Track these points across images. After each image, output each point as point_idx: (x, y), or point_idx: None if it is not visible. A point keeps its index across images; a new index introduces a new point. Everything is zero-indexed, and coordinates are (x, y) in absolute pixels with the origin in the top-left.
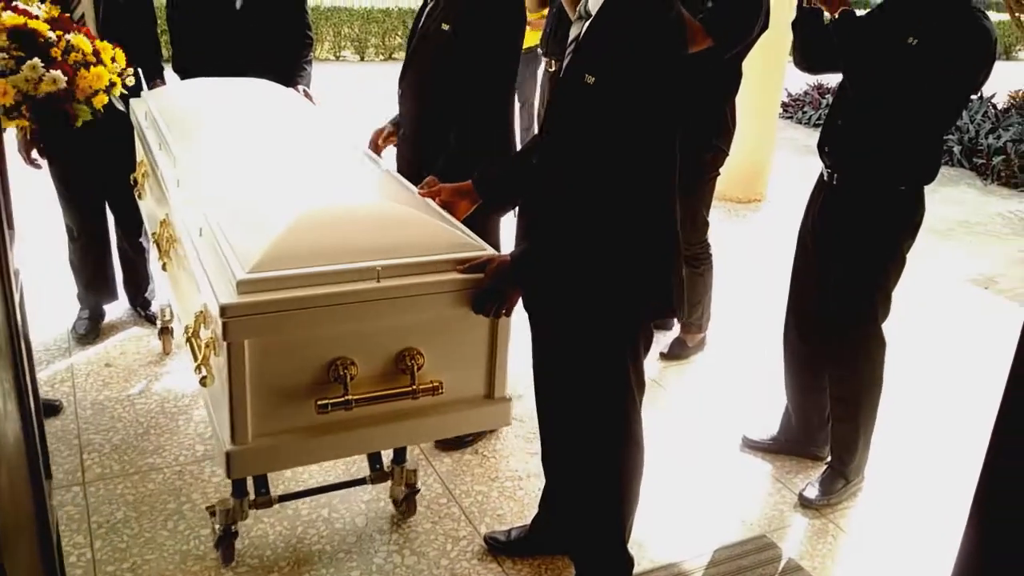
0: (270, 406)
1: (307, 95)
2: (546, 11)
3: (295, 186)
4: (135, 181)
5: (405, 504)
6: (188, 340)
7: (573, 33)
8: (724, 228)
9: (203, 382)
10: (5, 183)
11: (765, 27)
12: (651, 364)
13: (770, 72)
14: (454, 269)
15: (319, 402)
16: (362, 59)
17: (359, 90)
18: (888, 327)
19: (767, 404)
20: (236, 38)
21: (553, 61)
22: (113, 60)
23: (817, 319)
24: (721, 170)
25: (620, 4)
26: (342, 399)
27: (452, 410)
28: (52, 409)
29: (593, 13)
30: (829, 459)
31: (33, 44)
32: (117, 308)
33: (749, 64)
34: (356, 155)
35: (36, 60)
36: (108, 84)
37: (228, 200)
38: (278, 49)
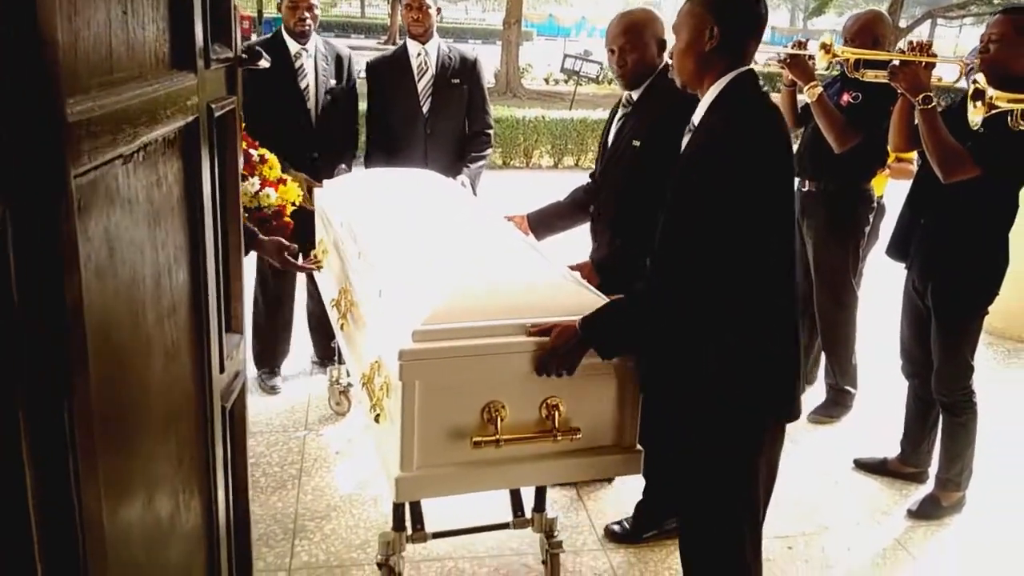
0: (433, 440)
1: (465, 185)
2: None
3: (457, 258)
4: (315, 256)
5: (550, 563)
6: (364, 386)
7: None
8: (1001, 372)
9: (377, 419)
10: (239, 285)
11: None
12: (896, 523)
13: None
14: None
15: (474, 439)
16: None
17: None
18: None
19: None
20: (422, 136)
21: (808, 180)
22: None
23: None
24: (991, 308)
25: (715, 116)
26: (494, 438)
27: (587, 455)
28: None
29: (694, 123)
30: None
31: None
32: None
33: None
34: (507, 233)
35: (254, 179)
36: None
37: (402, 269)
38: (461, 146)
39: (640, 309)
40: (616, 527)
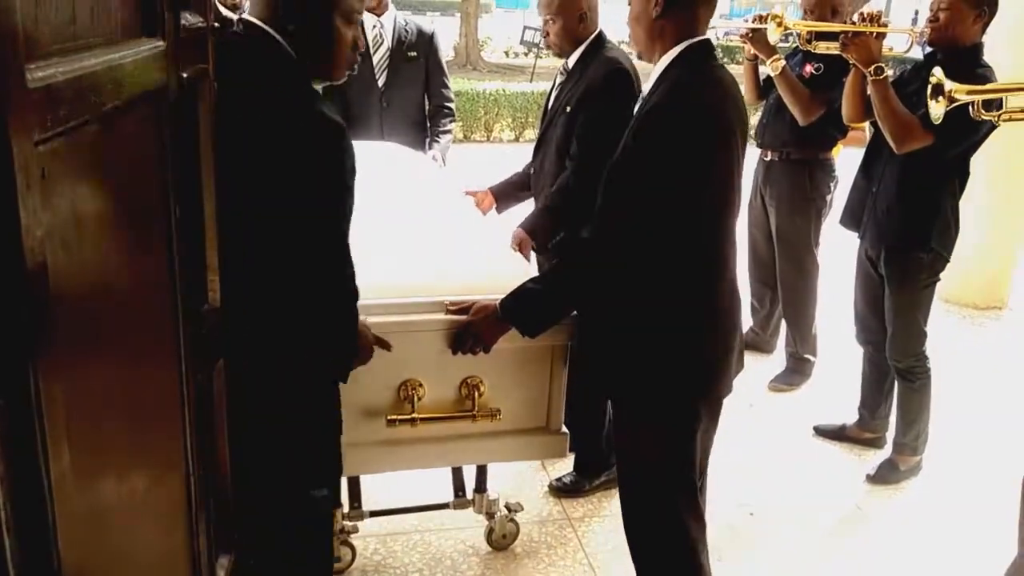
0: (348, 418)
1: (435, 159)
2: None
3: (389, 234)
4: None
5: (501, 540)
6: None
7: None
8: (956, 337)
9: None
10: (214, 256)
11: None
12: (855, 487)
13: (1017, 167)
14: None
15: (388, 417)
16: None
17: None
18: None
19: (997, 549)
20: (377, 110)
21: (769, 151)
22: None
23: None
24: (942, 275)
25: (660, 88)
26: (409, 417)
27: (509, 436)
28: None
29: (645, 93)
30: None
31: None
32: None
33: (992, 160)
34: (454, 206)
35: None
36: None
37: None
38: (418, 120)
39: (561, 285)
40: (557, 483)
